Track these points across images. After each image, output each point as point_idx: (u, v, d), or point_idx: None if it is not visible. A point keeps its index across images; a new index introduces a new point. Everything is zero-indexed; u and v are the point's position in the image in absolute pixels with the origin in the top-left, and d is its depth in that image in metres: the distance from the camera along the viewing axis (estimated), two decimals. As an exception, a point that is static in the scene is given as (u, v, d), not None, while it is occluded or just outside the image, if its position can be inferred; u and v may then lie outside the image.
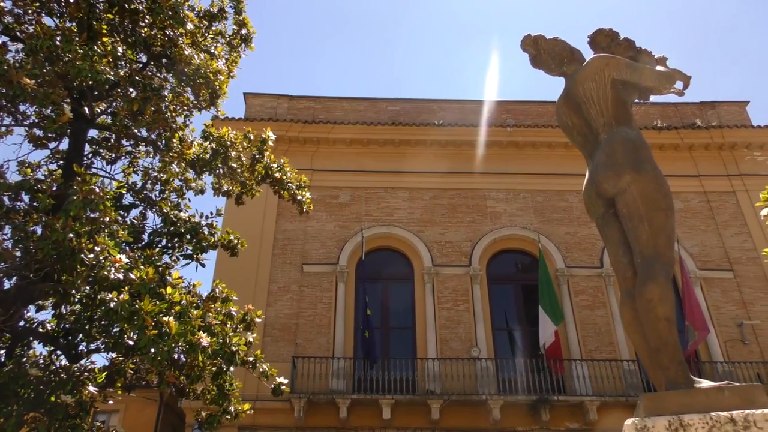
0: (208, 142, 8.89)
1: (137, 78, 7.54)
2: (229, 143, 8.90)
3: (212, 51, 8.85)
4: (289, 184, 9.39)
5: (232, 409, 7.71)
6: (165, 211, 9.00)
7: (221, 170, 8.95)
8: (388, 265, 18.06)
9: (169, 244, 8.83)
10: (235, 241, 9.20)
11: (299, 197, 9.44)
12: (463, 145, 19.29)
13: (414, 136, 19.19)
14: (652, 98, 4.90)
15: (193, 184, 9.55)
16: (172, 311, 5.96)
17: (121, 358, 7.57)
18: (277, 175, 9.29)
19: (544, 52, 4.89)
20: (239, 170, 9.06)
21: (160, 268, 7.11)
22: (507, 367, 16.16)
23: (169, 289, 6.21)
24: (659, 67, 4.64)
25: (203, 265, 8.63)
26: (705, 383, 3.67)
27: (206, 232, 8.80)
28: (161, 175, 9.38)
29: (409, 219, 18.34)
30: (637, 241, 4.06)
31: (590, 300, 17.19)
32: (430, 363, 15.78)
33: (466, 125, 19.32)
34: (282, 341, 16.29)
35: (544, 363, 15.55)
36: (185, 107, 8.75)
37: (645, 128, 18.39)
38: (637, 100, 4.78)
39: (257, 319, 8.28)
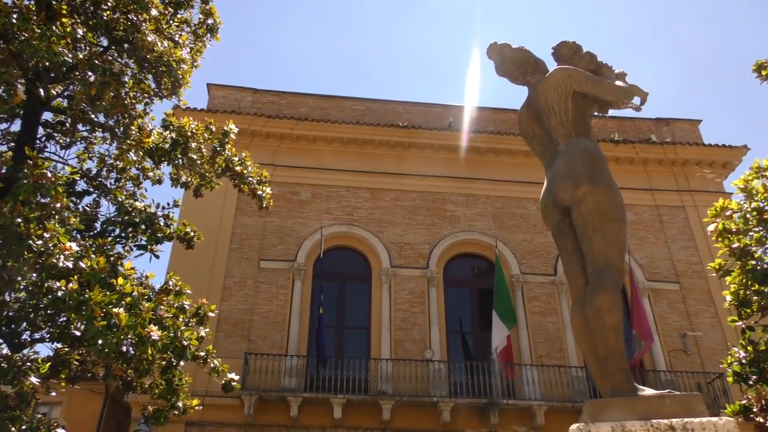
0: (168, 132, 8.72)
1: (97, 62, 7.33)
2: (189, 134, 8.75)
3: (176, 39, 8.68)
4: (250, 179, 9.28)
5: (181, 405, 7.58)
6: (120, 199, 8.77)
7: (180, 161, 8.79)
8: (346, 265, 18.04)
9: (123, 234, 8.61)
10: (192, 234, 9.04)
11: (259, 192, 9.35)
12: (426, 148, 19.42)
13: (378, 137, 19.22)
14: (611, 112, 5.04)
15: (151, 174, 9.34)
16: (123, 302, 5.82)
17: (66, 349, 7.36)
18: (237, 168, 9.18)
19: (509, 61, 4.97)
20: (199, 162, 8.91)
21: (111, 258, 6.93)
22: (459, 370, 16.34)
23: (120, 280, 6.07)
24: (618, 82, 4.77)
25: (157, 257, 8.45)
26: (648, 391, 3.79)
27: (162, 223, 8.60)
28: (118, 162, 9.15)
29: (369, 219, 18.36)
30: (590, 251, 4.16)
31: (543, 306, 17.53)
32: (384, 363, 15.82)
33: (430, 129, 19.46)
34: (235, 337, 16.09)
35: (495, 367, 15.77)
36: (146, 95, 8.56)
37: (602, 141, 18.84)
38: (596, 113, 4.91)
39: (211, 314, 8.16)
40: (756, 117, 51.33)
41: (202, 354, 7.45)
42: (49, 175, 6.11)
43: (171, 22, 8.74)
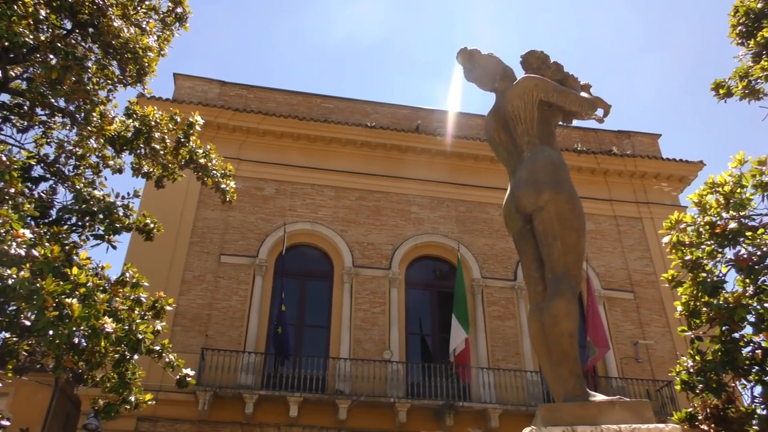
0: (131, 120, 8.53)
1: (59, 45, 7.12)
2: (153, 123, 8.57)
3: (144, 26, 8.50)
4: (214, 172, 9.14)
5: (133, 399, 7.42)
6: (78, 187, 8.54)
7: (143, 150, 8.61)
8: (309, 262, 17.95)
9: (80, 223, 8.38)
10: (152, 225, 8.85)
11: (223, 186, 9.22)
12: (392, 149, 19.47)
13: (345, 135, 19.18)
14: (575, 122, 5.14)
15: (111, 162, 9.12)
16: (77, 293, 5.67)
17: (15, 339, 7.12)
18: (202, 161, 9.03)
19: (479, 67, 5.01)
20: (162, 152, 8.74)
21: (66, 247, 6.74)
22: (417, 372, 16.42)
23: (75, 270, 5.90)
24: (583, 94, 4.86)
25: (114, 248, 8.25)
26: (599, 397, 3.88)
27: (121, 213, 8.40)
28: (77, 149, 8.91)
29: (333, 218, 18.31)
30: (549, 258, 4.23)
31: (502, 311, 17.76)
32: (342, 363, 15.80)
33: (398, 130, 19.51)
34: (192, 332, 15.85)
35: (452, 369, 15.90)
36: (109, 81, 8.36)
37: (566, 150, 19.21)
38: (560, 122, 5.00)
39: (168, 307, 8.01)
40: (713, 134, 53.07)
41: (157, 348, 7.32)
42: (4, 158, 5.92)
43: (138, 8, 8.56)
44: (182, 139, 8.94)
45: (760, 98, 8.61)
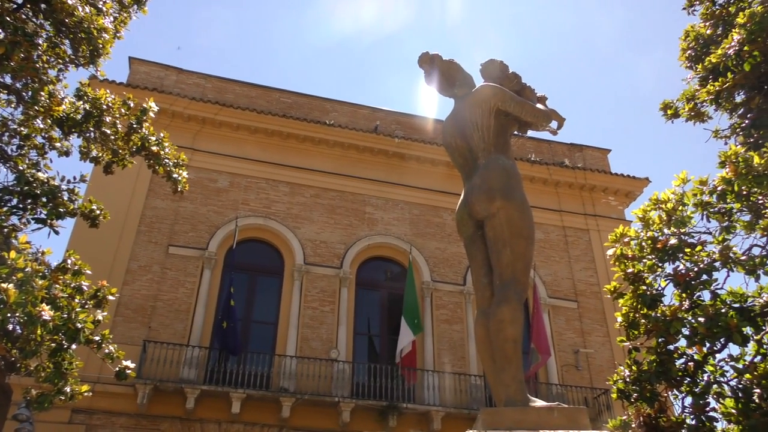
0: (81, 102, 8.23)
1: (8, 19, 6.84)
2: (105, 107, 8.30)
3: (99, 6, 8.23)
4: (166, 160, 8.91)
5: (68, 390, 7.17)
6: (21, 168, 8.20)
7: (92, 134, 8.33)
8: (259, 258, 17.75)
9: (21, 205, 8.04)
10: (98, 212, 8.57)
11: (175, 175, 9.00)
12: (350, 149, 19.44)
13: (303, 132, 19.05)
14: (529, 133, 5.25)
15: (58, 145, 8.78)
16: (14, 278, 5.44)
17: (-57, 323, 6.79)
18: (154, 148, 8.79)
19: (439, 72, 5.06)
20: (113, 137, 8.47)
21: (5, 230, 6.48)
22: (363, 372, 16.44)
23: (12, 254, 5.66)
24: (539, 105, 4.97)
25: (57, 233, 7.95)
26: (539, 403, 3.97)
27: (66, 198, 8.10)
28: (22, 128, 8.54)
29: (286, 214, 18.15)
30: (498, 264, 4.31)
31: (450, 315, 17.96)
32: (288, 360, 15.67)
33: (357, 129, 19.50)
34: (135, 323, 15.44)
35: (398, 371, 15.99)
36: (60, 60, 8.06)
37: (520, 159, 19.59)
38: (516, 132, 5.09)
39: (110, 297, 7.77)
40: (660, 152, 55.01)
41: (97, 338, 7.08)
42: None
43: (95, -13, 8.28)
44: (135, 125, 8.68)
45: (705, 121, 8.98)
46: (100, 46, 8.04)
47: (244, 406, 14.64)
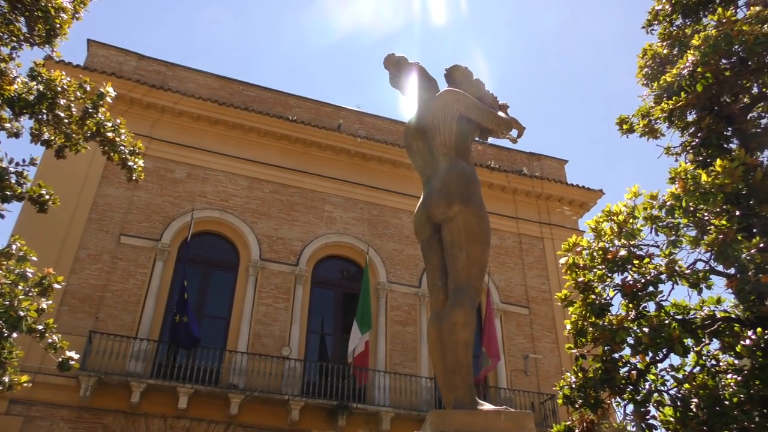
0: (35, 83, 7.95)
1: (-40, -8, 6.56)
2: (60, 89, 8.03)
3: (58, -16, 7.96)
4: (122, 148, 8.69)
5: (7, 380, 6.93)
6: (-34, 147, 7.87)
7: (45, 116, 8.06)
8: (214, 251, 17.48)
9: (-35, 187, 7.73)
10: (47, 197, 8.29)
11: (130, 163, 8.78)
12: (312, 146, 19.34)
13: (265, 126, 18.85)
14: (490, 140, 5.32)
15: (8, 125, 8.47)
16: (-47, 262, 5.23)
17: None
18: (109, 134, 8.55)
19: (404, 74, 5.09)
20: (67, 121, 8.21)
21: (-54, 211, 6.21)
22: (314, 370, 16.36)
23: (-47, 236, 5.44)
24: (501, 113, 5.04)
25: (2, 216, 7.66)
26: (487, 406, 4.02)
27: (13, 181, 7.82)
28: (-31, 106, 8.21)
29: (244, 208, 17.93)
30: (453, 268, 4.35)
31: (404, 316, 18.04)
32: (239, 356, 15.48)
33: (319, 127, 19.41)
34: (81, 313, 15.00)
35: (350, 370, 15.97)
36: (14, 38, 7.77)
37: (479, 165, 19.86)
38: (477, 138, 5.15)
39: (56, 285, 7.53)
40: (615, 164, 56.47)
41: (40, 327, 6.87)
42: None
43: (55, -35, 8.01)
44: (90, 110, 8.43)
45: (658, 137, 9.28)
46: (58, 25, 7.78)
47: (191, 402, 14.39)
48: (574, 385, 7.02)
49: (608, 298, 7.23)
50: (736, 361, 6.62)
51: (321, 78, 57.96)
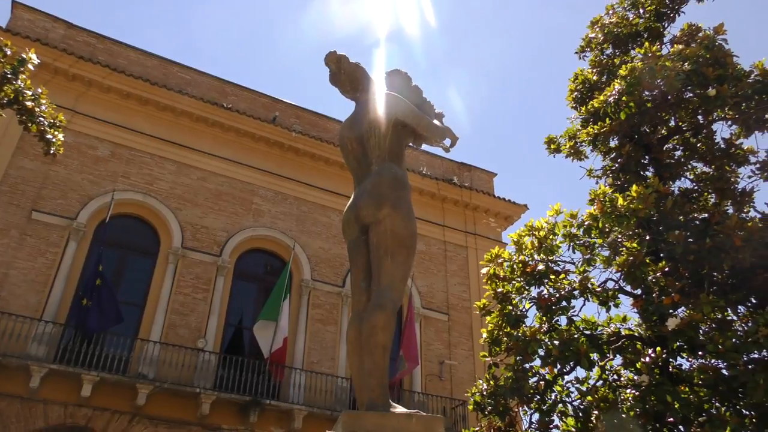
0: (-52, 41, 7.43)
1: None
2: (-24, 50, 7.54)
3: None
4: (41, 118, 8.23)
5: None
6: None
7: (-43, 78, 7.53)
8: (133, 236, 16.83)
9: None
10: (-48, 164, 7.76)
11: (49, 136, 8.33)
12: (245, 136, 18.98)
13: (197, 111, 18.34)
14: (423, 146, 5.39)
15: None
16: None
17: None
18: (29, 103, 8.08)
19: (344, 73, 5.07)
20: (-19, 84, 7.71)
21: None
22: (229, 364, 16.02)
23: None
24: (436, 121, 5.12)
25: None
26: (399, 409, 4.07)
27: None
28: None
29: (169, 193, 17.36)
30: (377, 270, 4.38)
31: (325, 315, 17.98)
32: (151, 346, 14.96)
33: (254, 117, 19.08)
34: (-20, 290, 14.07)
35: (266, 366, 15.75)
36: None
37: (411, 171, 20.10)
38: (411, 144, 5.21)
39: (-46, 259, 7.05)
40: (540, 181, 58.51)
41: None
42: None
43: None
44: (9, 75, 7.94)
45: (582, 159, 9.71)
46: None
47: (95, 390, 13.78)
48: (485, 393, 7.23)
49: (524, 309, 7.49)
50: (635, 377, 7.01)
51: (313, 79, 57.01)
